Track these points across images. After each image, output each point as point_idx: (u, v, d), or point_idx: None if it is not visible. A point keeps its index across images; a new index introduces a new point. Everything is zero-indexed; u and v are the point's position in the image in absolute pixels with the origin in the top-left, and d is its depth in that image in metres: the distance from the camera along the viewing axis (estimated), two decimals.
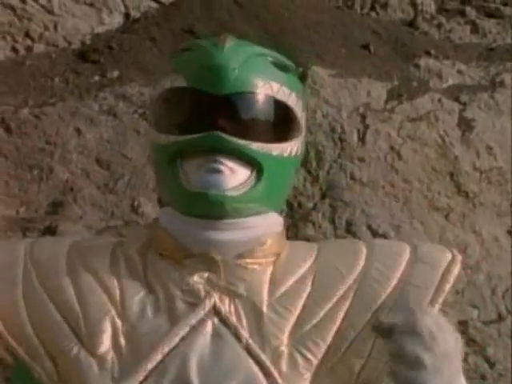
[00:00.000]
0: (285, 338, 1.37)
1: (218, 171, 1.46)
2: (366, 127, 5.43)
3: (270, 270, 1.51)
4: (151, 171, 5.03)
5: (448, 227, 4.90)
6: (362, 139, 5.38)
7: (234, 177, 1.47)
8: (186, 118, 1.53)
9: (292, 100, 1.60)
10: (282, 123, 1.59)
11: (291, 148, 1.59)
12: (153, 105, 1.57)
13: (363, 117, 5.52)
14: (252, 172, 1.52)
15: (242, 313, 1.38)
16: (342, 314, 1.43)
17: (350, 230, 4.65)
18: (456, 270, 1.45)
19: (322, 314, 1.42)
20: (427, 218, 4.90)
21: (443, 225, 4.91)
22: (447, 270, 1.43)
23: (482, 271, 4.56)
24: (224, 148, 1.49)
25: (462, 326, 4.48)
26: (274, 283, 1.48)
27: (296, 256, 1.55)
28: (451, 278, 1.44)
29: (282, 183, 1.59)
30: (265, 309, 1.40)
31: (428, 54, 6.70)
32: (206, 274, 1.38)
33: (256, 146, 1.52)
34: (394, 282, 1.44)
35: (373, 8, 7.83)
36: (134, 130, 5.29)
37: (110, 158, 5.14)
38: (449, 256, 1.44)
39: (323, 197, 4.97)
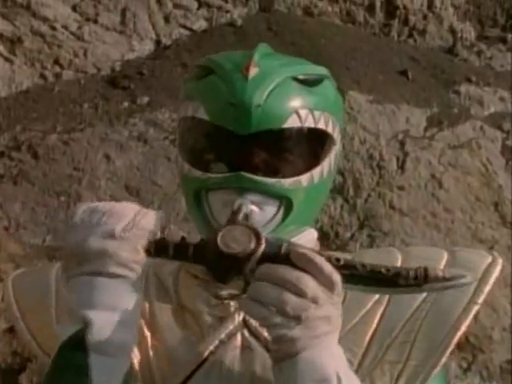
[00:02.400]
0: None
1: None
2: (406, 154, 5.37)
3: None
4: (182, 199, 4.95)
5: None
6: (401, 167, 5.32)
7: (262, 214, 1.37)
8: (209, 155, 1.42)
9: (323, 120, 1.46)
10: (312, 150, 1.47)
11: (322, 169, 1.47)
12: (177, 127, 1.48)
13: (402, 144, 5.43)
14: (280, 207, 1.40)
15: None
16: (377, 318, 1.34)
17: None
18: (496, 271, 1.34)
19: (357, 318, 1.33)
20: None
21: None
22: (486, 272, 1.33)
23: None
24: (250, 187, 1.38)
25: None
26: None
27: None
28: (491, 280, 1.33)
29: (316, 205, 1.49)
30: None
31: (468, 80, 6.63)
32: (237, 292, 1.31)
33: (286, 183, 1.41)
34: None
35: (410, 35, 7.79)
36: (165, 157, 5.24)
37: (139, 185, 5.09)
38: (488, 259, 1.35)
39: (361, 226, 4.88)
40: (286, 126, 1.41)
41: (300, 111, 1.42)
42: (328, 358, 1.11)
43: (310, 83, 1.47)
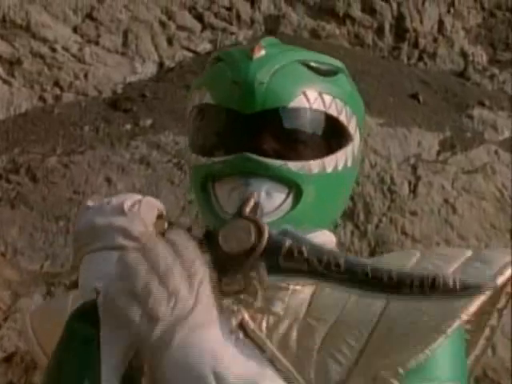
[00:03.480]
0: (316, 346, 1.25)
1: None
2: (418, 178, 5.31)
3: (311, 289, 1.37)
4: (185, 223, 4.92)
5: None
6: (413, 191, 5.26)
7: (270, 201, 1.33)
8: (214, 138, 1.40)
9: (335, 107, 1.42)
10: (323, 136, 1.42)
11: (337, 161, 1.42)
12: (187, 123, 1.47)
13: (414, 168, 5.38)
14: (289, 193, 1.35)
15: (273, 329, 1.27)
16: (379, 310, 1.28)
17: None
18: None
19: (357, 313, 1.27)
20: None
21: None
22: (504, 267, 1.27)
23: None
24: (256, 170, 1.33)
25: None
26: (312, 303, 1.34)
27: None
28: (507, 273, 1.26)
29: (330, 201, 1.43)
30: (297, 325, 1.28)
31: (482, 104, 6.59)
32: (241, 297, 1.27)
33: (293, 166, 1.36)
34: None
35: (420, 58, 7.77)
36: (168, 180, 5.18)
37: None
38: (509, 257, 1.28)
39: (372, 253, 4.80)
40: (292, 105, 1.36)
41: (308, 92, 1.38)
42: (201, 356, 1.07)
43: (322, 72, 1.43)
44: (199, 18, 7.38)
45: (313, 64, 1.43)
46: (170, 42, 7.19)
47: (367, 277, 1.13)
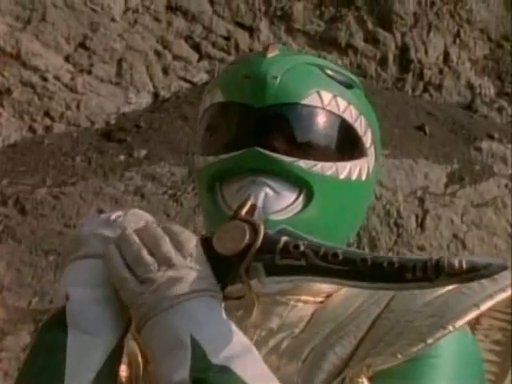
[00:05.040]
0: (303, 355, 1.20)
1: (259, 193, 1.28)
2: (426, 212, 5.24)
3: (313, 308, 1.32)
4: None
5: None
6: (420, 225, 5.19)
7: (279, 199, 1.30)
8: (223, 136, 1.38)
9: (350, 114, 1.39)
10: (336, 140, 1.39)
11: (350, 170, 1.38)
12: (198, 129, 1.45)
13: (421, 200, 5.31)
14: (300, 194, 1.31)
15: (263, 343, 1.22)
16: (372, 318, 1.23)
17: None
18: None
19: (350, 326, 1.22)
20: None
21: None
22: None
23: None
24: (266, 167, 1.32)
25: None
26: (312, 321, 1.29)
27: (354, 296, 1.34)
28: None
29: (342, 210, 1.38)
30: (289, 339, 1.24)
31: (490, 137, 6.55)
32: (239, 313, 1.23)
33: (304, 164, 1.33)
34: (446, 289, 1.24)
35: (426, 90, 7.74)
36: (164, 212, 5.10)
37: None
38: None
39: None
40: (304, 102, 1.33)
41: (322, 92, 1.34)
42: (181, 320, 1.06)
43: (337, 80, 1.40)
44: (196, 47, 7.37)
45: (329, 71, 1.40)
46: (165, 71, 7.16)
47: (367, 264, 1.08)
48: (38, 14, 7.21)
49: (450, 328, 1.14)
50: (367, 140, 1.40)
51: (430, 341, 1.12)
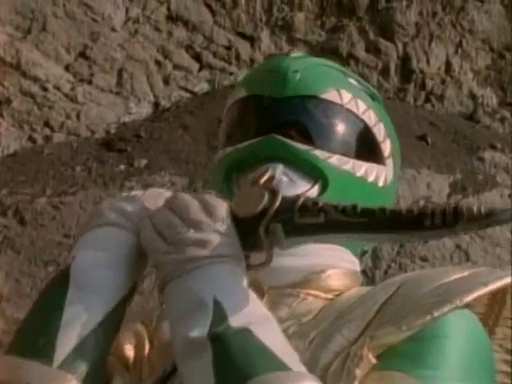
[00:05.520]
0: (309, 338, 1.20)
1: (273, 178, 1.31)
2: None
3: (323, 303, 1.32)
4: None
5: None
6: None
7: (293, 186, 1.32)
8: (242, 126, 1.40)
9: (369, 117, 1.41)
10: (354, 139, 1.41)
11: (367, 171, 1.39)
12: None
13: None
14: (315, 184, 1.32)
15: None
16: (379, 303, 1.23)
17: None
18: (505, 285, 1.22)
19: (358, 310, 1.22)
20: None
21: None
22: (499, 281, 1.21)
23: None
24: (282, 154, 1.34)
25: None
26: (320, 313, 1.29)
27: (367, 293, 1.34)
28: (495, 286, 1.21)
29: None
30: (296, 326, 1.24)
31: (493, 147, 6.55)
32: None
33: (320, 153, 1.33)
34: (448, 279, 1.24)
35: (428, 100, 7.74)
36: None
37: None
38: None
39: None
40: (323, 96, 1.37)
41: (341, 91, 1.38)
42: (204, 282, 1.07)
43: (358, 87, 1.42)
44: (197, 57, 7.37)
45: (350, 79, 1.44)
46: (166, 81, 7.16)
47: (385, 213, 1.08)
48: (38, 24, 7.22)
49: (458, 302, 1.13)
50: (386, 149, 1.40)
51: (436, 313, 1.11)
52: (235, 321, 1.04)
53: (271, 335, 1.06)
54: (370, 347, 1.12)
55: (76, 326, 1.06)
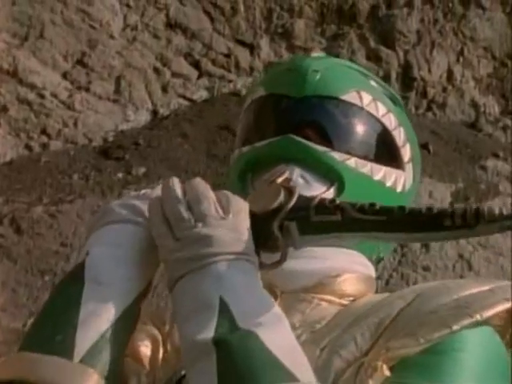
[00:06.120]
0: (322, 345, 1.18)
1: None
2: None
3: (337, 309, 1.30)
4: None
5: None
6: (425, 245, 5.15)
7: (308, 188, 1.31)
8: (260, 125, 1.40)
9: (389, 120, 1.41)
10: (373, 141, 1.42)
11: (385, 175, 1.38)
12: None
13: None
14: (331, 187, 1.31)
15: None
16: (396, 311, 1.20)
17: None
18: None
19: (372, 317, 1.19)
20: None
21: None
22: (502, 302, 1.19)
23: None
24: (298, 155, 1.33)
25: None
26: (334, 320, 1.26)
27: (382, 300, 1.31)
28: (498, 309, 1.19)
29: None
30: (308, 334, 1.22)
31: (496, 156, 6.54)
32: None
33: (337, 155, 1.34)
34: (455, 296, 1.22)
35: (429, 108, 7.73)
36: None
37: None
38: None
39: None
40: (343, 97, 1.36)
41: (362, 93, 1.37)
42: (210, 282, 1.04)
43: (379, 90, 1.43)
44: (195, 64, 7.36)
45: (371, 81, 1.43)
46: (164, 89, 7.15)
47: (404, 212, 1.06)
48: (35, 31, 7.20)
49: (478, 317, 1.10)
50: (405, 153, 1.39)
51: (455, 327, 1.09)
52: (242, 322, 1.01)
53: (280, 339, 1.02)
54: (384, 359, 1.09)
55: (95, 321, 1.04)
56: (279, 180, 1.23)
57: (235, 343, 1.00)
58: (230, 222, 1.08)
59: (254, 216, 1.11)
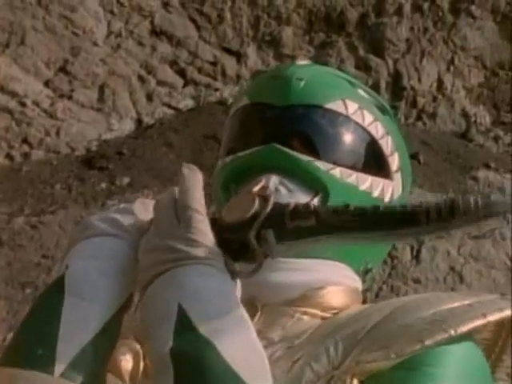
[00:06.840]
0: (295, 357, 1.18)
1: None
2: (421, 243, 5.16)
3: (319, 323, 1.28)
4: None
5: None
6: (416, 257, 5.13)
7: (290, 197, 1.31)
8: (243, 134, 1.39)
9: (375, 129, 1.39)
10: (359, 151, 1.40)
11: (371, 184, 1.38)
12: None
13: None
14: (315, 197, 1.30)
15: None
16: (370, 324, 1.19)
17: None
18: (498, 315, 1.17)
19: (347, 330, 1.19)
20: None
21: None
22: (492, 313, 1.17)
23: None
24: (281, 164, 1.33)
25: None
26: (312, 335, 1.25)
27: (361, 313, 1.30)
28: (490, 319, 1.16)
29: None
30: (284, 350, 1.21)
31: (487, 166, 6.53)
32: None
33: (322, 165, 1.33)
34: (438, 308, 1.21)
35: (419, 118, 7.72)
36: None
37: None
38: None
39: None
40: (328, 106, 1.34)
41: (347, 101, 1.35)
42: (170, 289, 1.06)
43: (366, 98, 1.40)
44: (181, 72, 7.33)
45: (359, 89, 1.41)
46: (149, 97, 7.11)
47: (378, 211, 1.06)
48: (16, 38, 7.16)
49: (452, 332, 1.08)
50: (393, 163, 1.37)
51: (428, 342, 1.06)
52: (202, 328, 1.01)
53: (239, 347, 1.03)
54: (355, 373, 1.08)
55: (76, 334, 1.05)
56: (255, 189, 1.23)
57: (192, 354, 1.01)
58: (193, 234, 1.09)
59: (230, 226, 1.12)
